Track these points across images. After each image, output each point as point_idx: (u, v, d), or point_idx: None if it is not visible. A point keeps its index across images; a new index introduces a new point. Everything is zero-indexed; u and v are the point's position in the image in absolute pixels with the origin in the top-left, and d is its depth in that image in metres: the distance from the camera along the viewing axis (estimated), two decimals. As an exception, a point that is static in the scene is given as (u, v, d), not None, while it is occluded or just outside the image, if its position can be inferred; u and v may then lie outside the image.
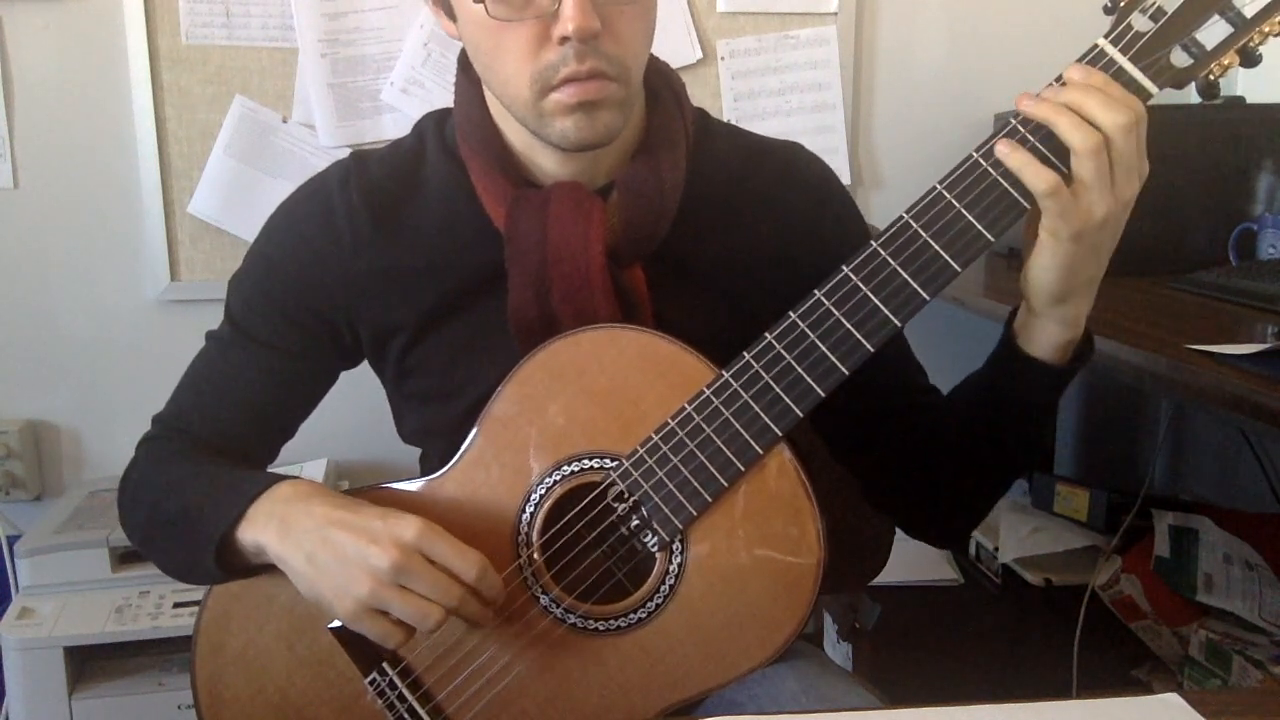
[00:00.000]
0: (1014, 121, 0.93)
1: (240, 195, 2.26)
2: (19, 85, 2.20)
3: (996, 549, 2.07)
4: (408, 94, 2.28)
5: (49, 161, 2.23)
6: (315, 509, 1.01)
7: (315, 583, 0.99)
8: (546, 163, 1.10)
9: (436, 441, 1.20)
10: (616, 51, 1.00)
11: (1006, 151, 0.91)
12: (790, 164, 1.20)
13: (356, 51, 2.26)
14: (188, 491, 1.11)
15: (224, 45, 2.23)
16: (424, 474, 1.09)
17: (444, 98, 2.23)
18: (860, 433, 1.18)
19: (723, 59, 2.36)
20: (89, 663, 1.97)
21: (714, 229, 1.14)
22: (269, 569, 1.06)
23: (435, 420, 1.18)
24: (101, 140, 2.24)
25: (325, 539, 0.98)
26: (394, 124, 2.29)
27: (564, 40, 0.97)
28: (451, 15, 1.07)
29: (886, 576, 1.49)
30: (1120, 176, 0.90)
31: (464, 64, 1.15)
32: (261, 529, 1.02)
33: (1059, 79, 0.92)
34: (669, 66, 1.18)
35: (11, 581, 2.09)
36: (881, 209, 1.21)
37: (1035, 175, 0.90)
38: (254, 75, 2.25)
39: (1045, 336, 1.01)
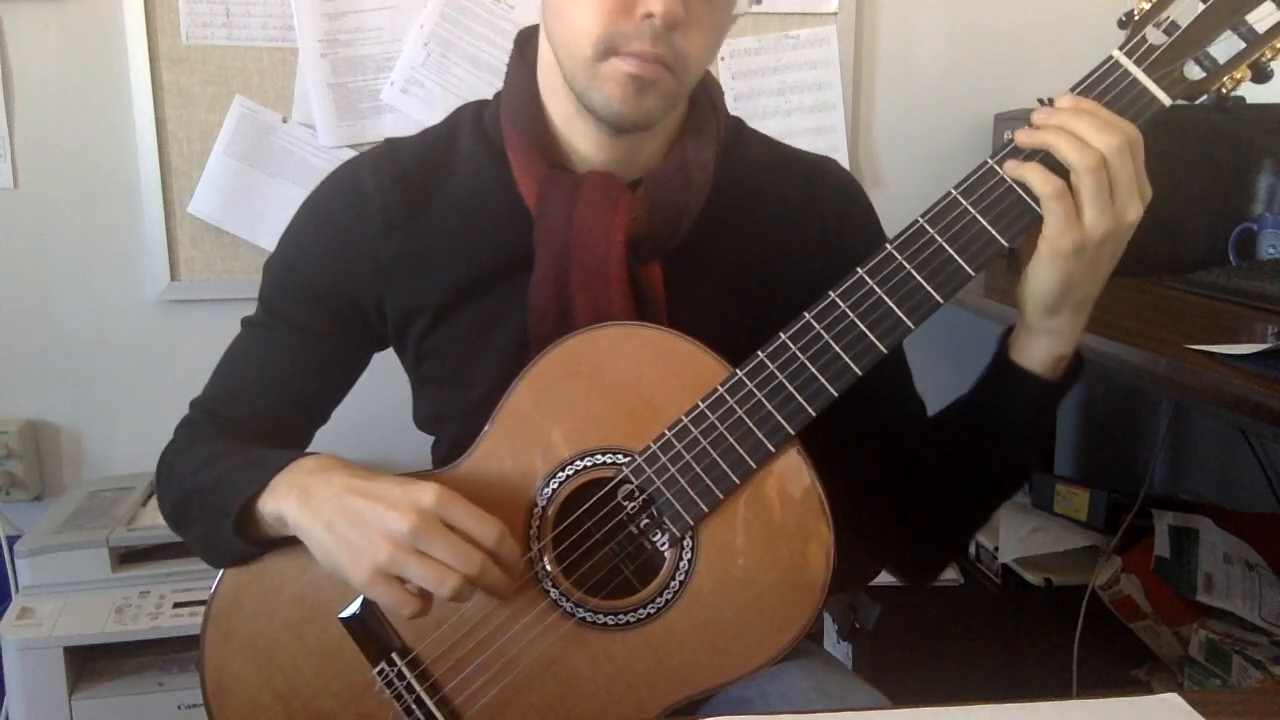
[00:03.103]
0: (990, 162, 0.96)
1: (240, 195, 2.25)
2: (19, 85, 2.19)
3: (996, 549, 2.07)
4: (408, 94, 2.28)
5: (49, 161, 2.22)
6: (335, 479, 1.02)
7: (333, 550, 0.99)
8: (585, 146, 1.12)
9: (449, 427, 1.21)
10: (685, 47, 1.02)
11: (1014, 165, 0.94)
12: (819, 176, 1.22)
13: (356, 51, 2.26)
14: (217, 466, 1.12)
15: (224, 45, 2.22)
16: (435, 463, 1.09)
17: (444, 98, 2.25)
18: (845, 451, 1.18)
19: (723, 59, 2.36)
20: (89, 663, 1.97)
21: (736, 232, 1.16)
22: (282, 550, 1.07)
23: (449, 405, 1.19)
24: (101, 140, 2.23)
25: (344, 506, 0.99)
26: (394, 124, 2.28)
27: (647, 17, 0.99)
28: None
29: (887, 576, 1.49)
30: (1121, 195, 0.92)
31: (520, 45, 1.17)
32: (282, 499, 1.03)
33: (1048, 100, 0.95)
34: (711, 76, 1.19)
35: (11, 581, 2.08)
36: (881, 209, 1.21)
37: (1042, 180, 0.92)
38: (254, 75, 2.25)
39: (1036, 350, 1.03)
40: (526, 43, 1.16)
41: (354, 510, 0.98)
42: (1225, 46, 0.94)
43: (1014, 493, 1.16)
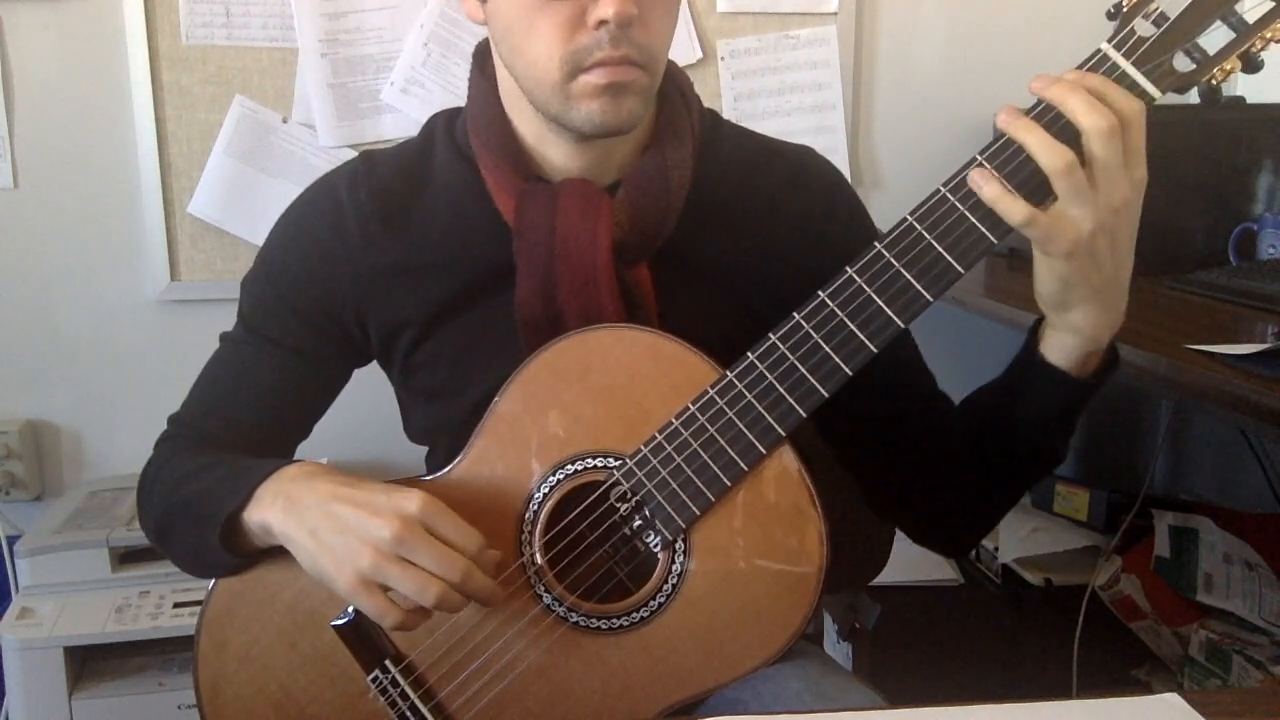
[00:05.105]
0: (979, 157, 0.93)
1: (240, 195, 2.26)
2: (19, 85, 2.19)
3: (996, 549, 2.07)
4: (408, 94, 2.28)
5: (49, 161, 2.22)
6: (319, 486, 1.01)
7: (318, 557, 0.99)
8: (557, 157, 1.12)
9: (443, 439, 1.20)
10: (647, 40, 1.02)
11: (979, 182, 0.91)
12: (800, 167, 1.21)
13: (356, 51, 2.26)
14: (201, 479, 1.11)
15: (224, 45, 2.22)
16: (429, 472, 1.09)
17: (444, 98, 2.24)
18: (867, 437, 1.18)
19: (723, 59, 2.36)
20: (89, 663, 1.97)
21: (720, 228, 1.15)
22: (274, 559, 1.07)
23: (442, 417, 1.18)
24: (101, 140, 2.23)
25: (328, 513, 0.99)
26: (394, 124, 2.29)
27: (600, 24, 0.99)
28: None
29: (886, 576, 1.49)
30: (1104, 185, 0.89)
31: (479, 59, 1.17)
32: (267, 507, 1.03)
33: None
34: (676, 65, 1.18)
35: (11, 581, 2.09)
36: (881, 209, 1.22)
37: (1009, 208, 0.90)
38: (254, 75, 2.24)
39: (1062, 344, 1.00)
40: (485, 58, 1.16)
41: (338, 517, 0.98)
42: (1215, 37, 0.92)
43: (1044, 476, 1.13)
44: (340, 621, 1.05)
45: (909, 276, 0.95)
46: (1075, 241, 0.90)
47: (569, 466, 1.03)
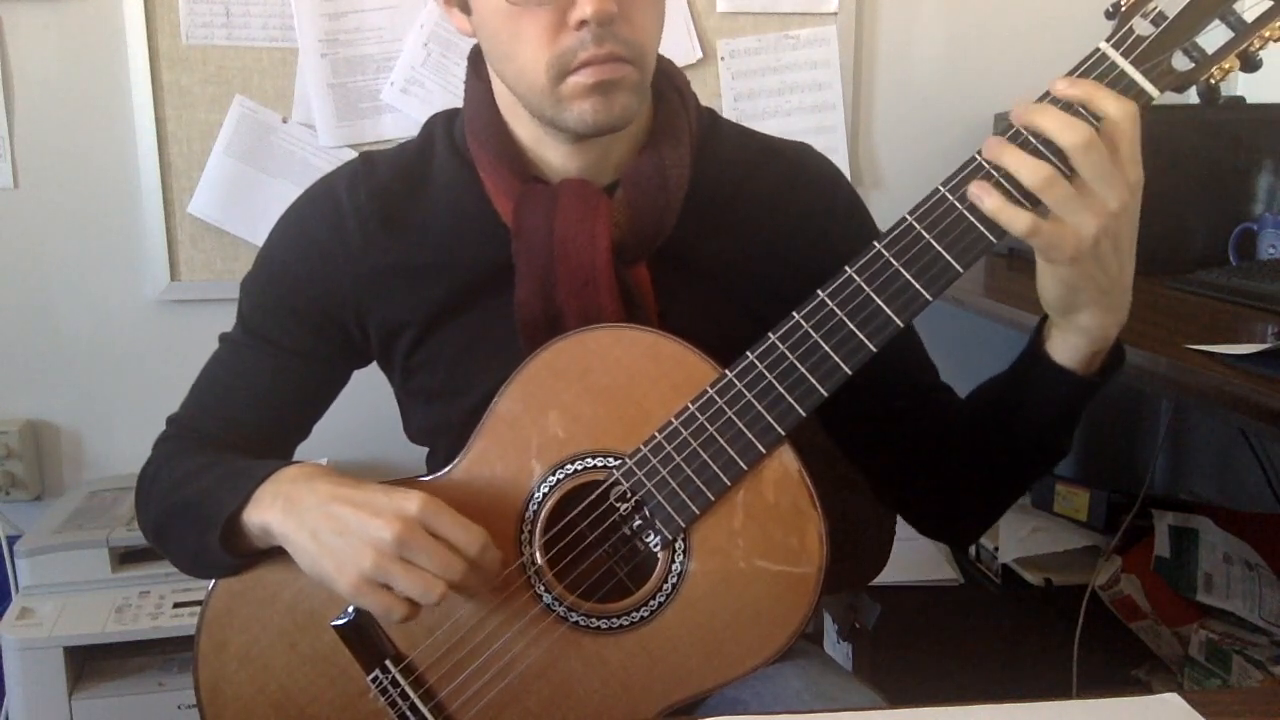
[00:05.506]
0: (979, 158, 0.93)
1: (240, 195, 2.26)
2: (19, 85, 2.19)
3: (996, 549, 2.07)
4: (408, 94, 2.28)
5: (49, 161, 2.23)
6: (319, 487, 1.02)
7: (318, 559, 0.99)
8: (554, 158, 1.12)
9: (442, 439, 1.20)
10: (632, 36, 1.01)
11: (980, 195, 0.91)
12: (799, 165, 1.21)
13: (356, 51, 2.26)
14: (200, 480, 1.11)
15: (224, 45, 2.23)
16: (430, 473, 1.09)
17: (444, 98, 2.24)
18: (871, 432, 1.18)
19: (723, 59, 2.36)
20: (89, 663, 1.97)
21: (719, 227, 1.15)
22: (274, 559, 1.07)
23: (441, 418, 1.18)
24: (101, 140, 2.23)
25: (329, 514, 0.99)
26: (394, 124, 2.29)
27: (581, 24, 0.99)
28: (466, 9, 1.10)
29: (886, 576, 1.49)
30: (1100, 190, 0.88)
31: (474, 63, 1.17)
32: (267, 509, 1.03)
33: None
34: (673, 64, 1.18)
35: (11, 581, 2.09)
36: (881, 209, 1.21)
37: (1012, 218, 0.90)
38: (254, 75, 2.25)
39: (1067, 345, 1.00)
40: (480, 62, 1.16)
41: (339, 518, 0.98)
42: (1214, 36, 0.92)
43: (1049, 469, 1.13)
44: (340, 621, 1.06)
45: (908, 276, 0.95)
46: (1078, 248, 0.89)
47: (569, 466, 1.03)
